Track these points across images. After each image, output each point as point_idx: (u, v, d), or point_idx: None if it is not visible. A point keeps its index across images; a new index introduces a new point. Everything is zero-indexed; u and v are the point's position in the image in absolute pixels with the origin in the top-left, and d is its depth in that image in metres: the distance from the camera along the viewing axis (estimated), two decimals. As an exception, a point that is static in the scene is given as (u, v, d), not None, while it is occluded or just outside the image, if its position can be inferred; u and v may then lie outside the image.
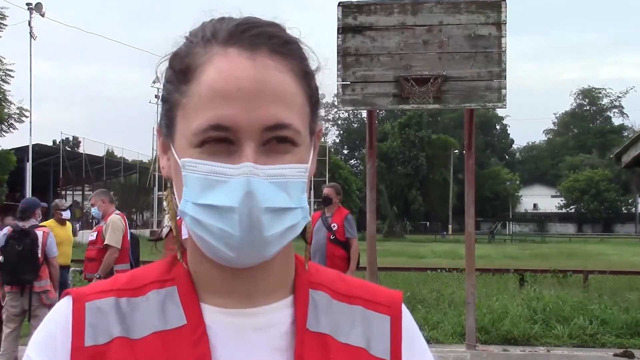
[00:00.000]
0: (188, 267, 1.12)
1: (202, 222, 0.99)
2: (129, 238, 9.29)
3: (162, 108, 1.10)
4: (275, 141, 1.00)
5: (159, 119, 1.13)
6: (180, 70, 1.04)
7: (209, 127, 0.99)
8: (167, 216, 1.16)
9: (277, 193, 0.99)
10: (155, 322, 1.07)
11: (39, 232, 8.82)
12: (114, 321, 1.06)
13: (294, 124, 1.02)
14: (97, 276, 8.80)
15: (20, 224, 8.95)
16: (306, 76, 1.07)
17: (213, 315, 1.08)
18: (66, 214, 11.08)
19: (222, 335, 1.07)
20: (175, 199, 1.09)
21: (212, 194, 0.99)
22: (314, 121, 1.09)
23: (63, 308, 1.10)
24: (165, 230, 1.24)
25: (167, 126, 1.08)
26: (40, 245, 8.75)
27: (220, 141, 0.99)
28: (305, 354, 1.07)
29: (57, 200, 11.84)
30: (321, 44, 1.10)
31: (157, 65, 1.12)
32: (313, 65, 1.09)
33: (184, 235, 1.15)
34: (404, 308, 1.18)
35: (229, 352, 1.06)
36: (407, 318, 1.18)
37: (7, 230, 8.89)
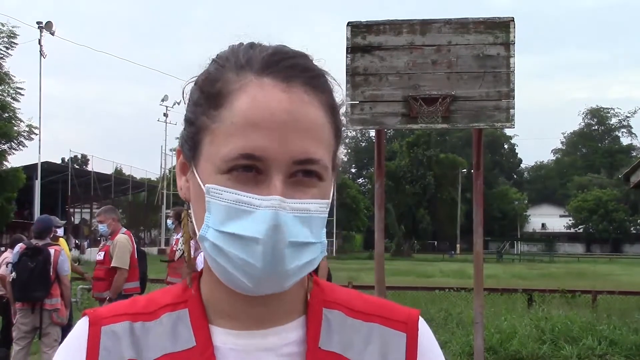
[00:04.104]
0: (200, 291, 1.13)
1: (223, 250, 1.00)
2: (136, 255, 9.28)
3: (186, 129, 1.09)
4: (302, 174, 1.01)
5: (180, 139, 1.12)
6: (211, 94, 1.04)
7: (239, 156, 0.98)
8: (180, 239, 1.17)
9: (301, 227, 1.00)
10: (166, 344, 1.08)
11: (51, 250, 8.84)
12: (127, 345, 1.09)
13: (322, 160, 1.02)
14: (108, 298, 8.81)
15: (34, 241, 8.98)
16: (334, 110, 1.08)
17: (222, 337, 1.09)
18: (60, 231, 11.02)
19: (231, 356, 1.08)
20: (191, 221, 1.10)
21: (236, 223, 0.98)
22: (336, 156, 1.10)
23: (81, 331, 1.12)
24: (178, 254, 1.23)
25: (191, 149, 1.07)
26: (52, 263, 8.76)
27: (248, 169, 0.99)
28: None
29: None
30: (330, 63, 1.11)
31: (184, 86, 1.12)
32: (338, 99, 1.10)
33: (200, 264, 1.16)
34: (422, 325, 1.18)
35: None
36: (426, 335, 1.18)
37: (19, 247, 8.93)
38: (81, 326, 1.13)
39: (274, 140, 0.99)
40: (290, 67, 1.04)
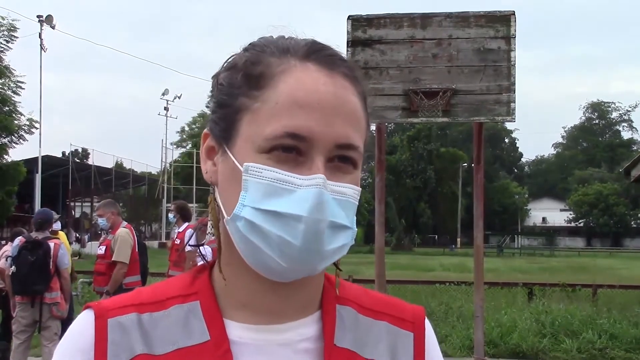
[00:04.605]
0: (212, 282, 1.11)
1: (260, 228, 0.98)
2: (136, 249, 9.25)
3: (217, 112, 1.08)
4: (338, 160, 1.01)
5: (209, 123, 1.11)
6: (252, 76, 1.04)
7: (284, 134, 0.98)
8: (210, 223, 1.15)
9: (340, 210, 1.00)
10: (177, 337, 1.05)
11: (51, 244, 8.83)
12: (136, 338, 1.05)
13: (360, 147, 1.03)
14: (106, 291, 8.80)
15: (34, 234, 8.97)
16: (366, 103, 1.09)
17: (238, 331, 1.07)
18: (57, 225, 10.98)
19: (247, 352, 1.06)
20: (219, 205, 1.08)
21: (276, 201, 0.97)
22: (365, 149, 1.09)
23: (86, 324, 1.08)
24: (208, 238, 1.20)
25: (225, 130, 1.06)
26: (52, 256, 8.76)
27: (289, 150, 0.99)
28: None
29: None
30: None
31: (218, 71, 1.11)
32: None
33: (207, 256, 1.15)
34: (426, 324, 1.20)
35: None
36: (430, 334, 1.19)
37: (19, 240, 8.91)
38: (86, 319, 1.09)
39: (320, 122, 0.99)
40: (330, 55, 1.06)
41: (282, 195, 0.98)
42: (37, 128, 38.57)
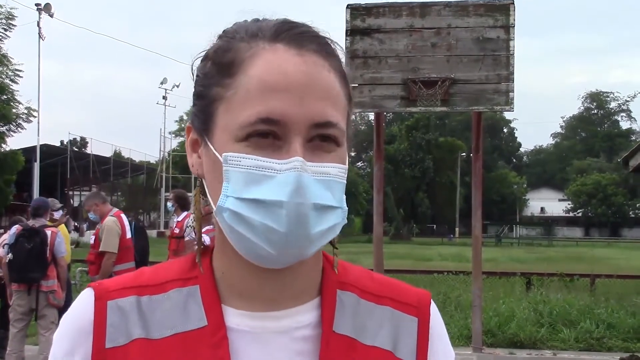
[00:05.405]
0: (212, 268, 1.10)
1: (244, 217, 0.97)
2: (130, 235, 9.17)
3: (196, 104, 1.07)
4: (319, 139, 1.00)
5: (190, 115, 1.10)
6: (223, 64, 1.02)
7: (258, 120, 0.96)
8: (191, 216, 1.14)
9: (323, 191, 0.98)
10: (175, 322, 1.05)
11: (48, 232, 8.82)
12: (135, 321, 1.06)
13: (339, 124, 1.01)
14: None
15: (31, 222, 8.95)
16: (345, 77, 1.06)
17: (236, 318, 1.06)
18: (58, 214, 10.94)
19: (244, 339, 1.05)
20: (206, 197, 1.07)
21: (257, 189, 0.96)
22: (349, 123, 1.08)
23: (85, 306, 1.09)
24: (188, 231, 1.19)
25: (204, 122, 1.05)
26: (48, 244, 8.74)
27: (265, 135, 0.97)
28: (330, 357, 1.05)
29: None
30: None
31: (192, 63, 1.10)
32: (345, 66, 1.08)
33: (205, 242, 1.14)
34: (432, 309, 1.18)
35: (251, 356, 1.05)
36: (435, 319, 1.18)
37: (15, 228, 8.89)
38: (86, 300, 1.09)
39: (293, 103, 0.97)
40: (300, 33, 1.03)
41: (262, 182, 0.96)
42: (35, 117, 38.49)
